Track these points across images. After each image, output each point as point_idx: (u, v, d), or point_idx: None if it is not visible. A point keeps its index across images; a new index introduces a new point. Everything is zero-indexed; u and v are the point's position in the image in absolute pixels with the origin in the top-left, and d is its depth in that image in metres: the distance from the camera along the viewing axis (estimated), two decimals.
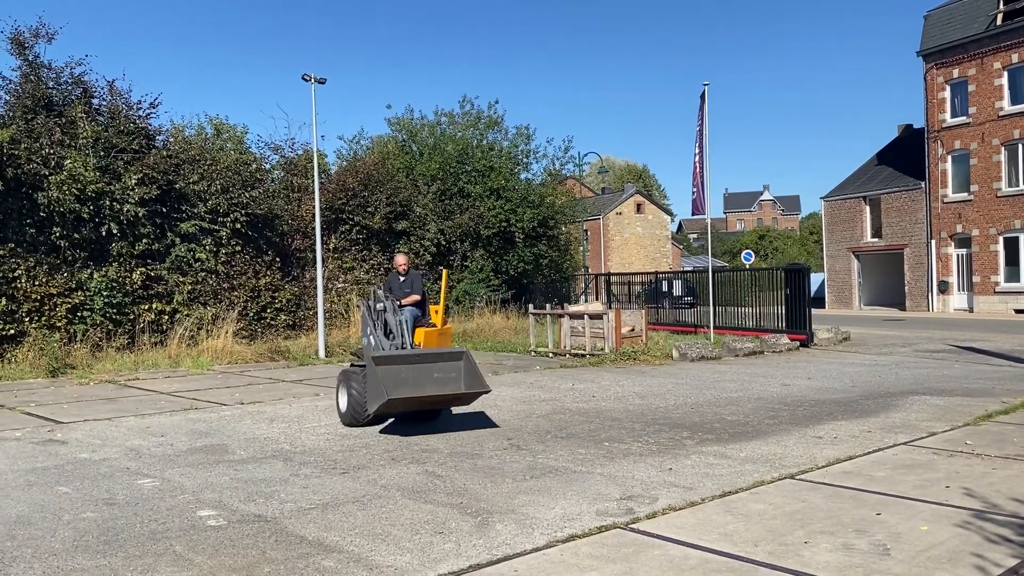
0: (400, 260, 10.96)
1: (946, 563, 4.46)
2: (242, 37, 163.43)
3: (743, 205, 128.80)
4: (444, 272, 11.31)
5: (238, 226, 19.37)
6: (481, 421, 9.55)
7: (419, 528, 5.37)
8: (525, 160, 28.56)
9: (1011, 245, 32.82)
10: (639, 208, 66.28)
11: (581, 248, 40.96)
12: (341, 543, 5.10)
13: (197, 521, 5.65)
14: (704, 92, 19.53)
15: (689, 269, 52.85)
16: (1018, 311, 31.87)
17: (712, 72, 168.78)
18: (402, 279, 10.67)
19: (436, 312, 10.42)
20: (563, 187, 31.15)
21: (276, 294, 20.06)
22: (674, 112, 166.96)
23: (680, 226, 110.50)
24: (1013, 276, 32.76)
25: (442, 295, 10.65)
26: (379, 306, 9.86)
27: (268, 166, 22.93)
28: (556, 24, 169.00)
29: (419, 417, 9.50)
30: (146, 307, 17.84)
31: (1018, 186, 32.40)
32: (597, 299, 27.80)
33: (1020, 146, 32.29)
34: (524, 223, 26.03)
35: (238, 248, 19.55)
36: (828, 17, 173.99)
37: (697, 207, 20.38)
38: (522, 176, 28.30)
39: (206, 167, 19.16)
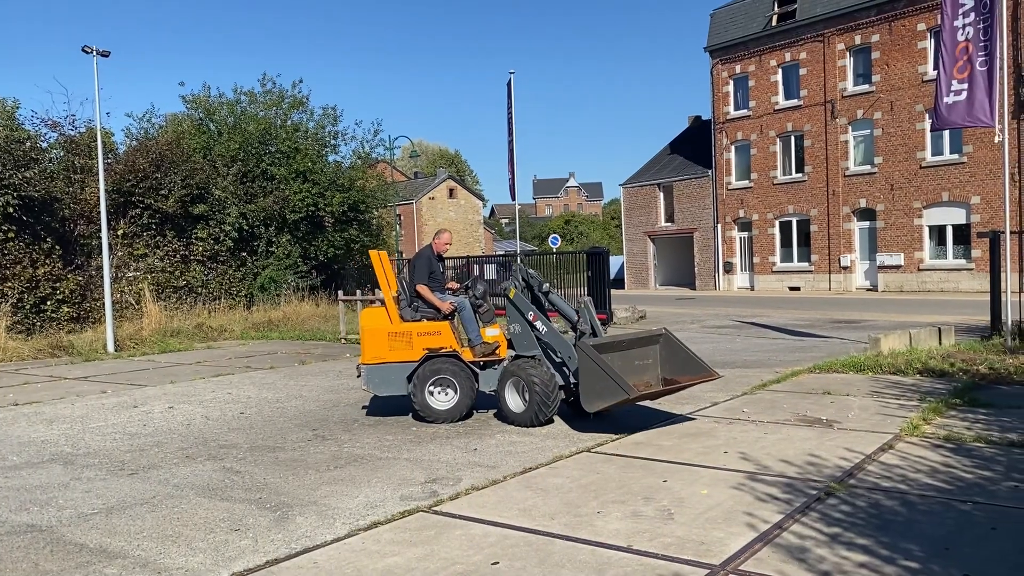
0: (449, 238, 9.03)
1: (722, 523, 4.84)
2: (9, 2, 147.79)
3: (551, 191, 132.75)
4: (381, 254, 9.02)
5: (10, 210, 17.61)
6: (284, 412, 9.28)
7: (214, 527, 5.14)
8: (333, 142, 27.82)
9: (785, 228, 36.04)
10: (452, 193, 66.72)
11: (394, 233, 40.67)
12: (127, 548, 4.79)
13: None
14: (510, 80, 19.94)
15: (501, 253, 53.87)
16: (792, 288, 35.11)
17: (519, 58, 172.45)
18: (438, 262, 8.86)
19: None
20: (374, 171, 30.63)
21: (57, 284, 18.44)
22: (485, 97, 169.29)
23: (492, 211, 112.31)
24: (787, 257, 36.02)
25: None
26: (545, 287, 8.41)
27: (45, 144, 20.97)
28: (361, 3, 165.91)
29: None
30: None
31: (791, 175, 35.57)
32: None
33: (793, 138, 35.45)
34: (333, 207, 25.42)
35: (11, 235, 17.79)
36: (626, 10, 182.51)
37: (511, 192, 20.89)
38: (330, 159, 27.58)
39: None
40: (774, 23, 35.76)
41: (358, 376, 8.81)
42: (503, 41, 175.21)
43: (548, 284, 8.61)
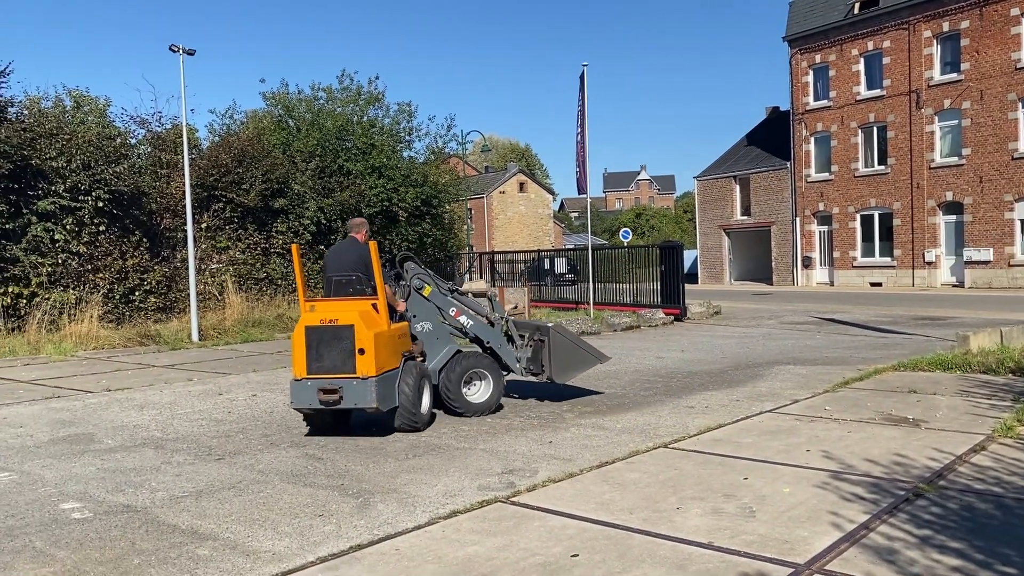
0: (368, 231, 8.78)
1: (805, 522, 4.74)
2: (103, 4, 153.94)
3: (622, 184, 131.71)
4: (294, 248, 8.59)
5: (101, 204, 18.30)
6: None
7: (298, 512, 5.28)
8: (407, 138, 28.18)
9: (867, 222, 34.98)
10: (522, 187, 66.84)
11: (465, 227, 40.97)
12: (216, 530, 4.96)
13: (60, 514, 5.37)
14: (583, 73, 19.82)
15: (570, 247, 53.71)
16: (873, 284, 34.07)
17: (590, 50, 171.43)
18: None
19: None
20: (446, 165, 30.94)
21: (145, 275, 19.13)
22: (557, 89, 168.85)
23: (562, 205, 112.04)
24: (869, 251, 34.97)
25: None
26: (449, 286, 8.74)
27: (134, 141, 21.76)
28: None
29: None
30: (0, 291, 16.67)
31: (873, 167, 34.50)
32: (481, 277, 27.91)
33: (875, 129, 34.36)
34: (407, 202, 25.75)
35: (102, 227, 18.49)
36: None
37: (580, 186, 20.76)
38: (404, 154, 27.93)
39: (65, 141, 17.99)
40: (856, 11, 34.70)
41: (336, 399, 7.10)
42: (575, 33, 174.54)
43: (452, 284, 8.85)
